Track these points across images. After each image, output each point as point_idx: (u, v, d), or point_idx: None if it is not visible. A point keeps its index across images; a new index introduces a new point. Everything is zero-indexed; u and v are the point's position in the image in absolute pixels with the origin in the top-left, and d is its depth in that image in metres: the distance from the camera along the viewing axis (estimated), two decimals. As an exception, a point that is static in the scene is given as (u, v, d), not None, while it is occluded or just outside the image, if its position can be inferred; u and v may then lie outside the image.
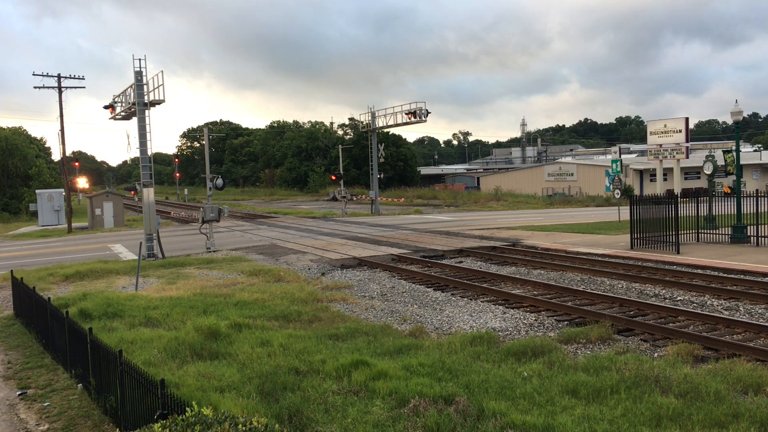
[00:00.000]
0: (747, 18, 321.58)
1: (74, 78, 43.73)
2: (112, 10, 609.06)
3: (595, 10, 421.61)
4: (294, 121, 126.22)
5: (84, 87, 61.84)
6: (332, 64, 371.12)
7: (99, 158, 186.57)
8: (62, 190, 49.76)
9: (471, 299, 15.15)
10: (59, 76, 43.00)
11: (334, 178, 51.68)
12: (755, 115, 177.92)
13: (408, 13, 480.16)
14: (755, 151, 76.95)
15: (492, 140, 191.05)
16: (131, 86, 26.48)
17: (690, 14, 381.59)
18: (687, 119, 36.86)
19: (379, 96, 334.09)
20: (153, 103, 25.52)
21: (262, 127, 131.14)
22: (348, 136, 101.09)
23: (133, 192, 70.09)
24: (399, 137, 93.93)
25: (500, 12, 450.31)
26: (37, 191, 51.08)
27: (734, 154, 25.18)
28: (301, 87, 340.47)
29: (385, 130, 65.17)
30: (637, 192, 55.91)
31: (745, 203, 23.69)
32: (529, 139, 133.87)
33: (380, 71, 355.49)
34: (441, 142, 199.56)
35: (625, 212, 28.43)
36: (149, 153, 25.49)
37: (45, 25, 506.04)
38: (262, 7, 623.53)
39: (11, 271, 18.12)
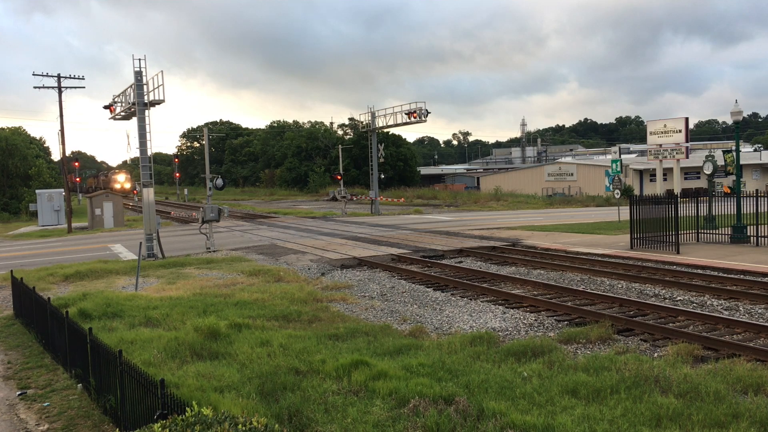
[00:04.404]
0: (747, 16, 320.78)
1: (73, 78, 43.76)
2: (100, 7, 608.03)
3: (592, 7, 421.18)
4: (294, 121, 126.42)
5: (84, 87, 61.94)
6: (327, 62, 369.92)
7: (99, 158, 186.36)
8: (62, 190, 49.77)
9: (471, 299, 15.15)
10: (59, 76, 42.97)
11: (339, 177, 51.74)
12: (755, 115, 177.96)
13: (399, 11, 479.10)
14: (755, 151, 76.93)
15: (492, 140, 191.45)
16: (131, 86, 26.48)
17: (689, 12, 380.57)
18: (687, 119, 36.86)
19: (376, 95, 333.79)
20: (153, 103, 25.52)
21: (261, 126, 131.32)
22: (348, 136, 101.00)
23: (134, 191, 70.12)
24: (399, 137, 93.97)
25: (494, 9, 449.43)
26: (37, 191, 51.06)
27: (734, 154, 25.20)
28: (297, 86, 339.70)
29: (385, 130, 65.16)
30: (637, 192, 55.91)
31: (745, 203, 23.69)
32: (528, 139, 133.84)
33: (376, 70, 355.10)
34: (441, 142, 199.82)
35: (625, 212, 28.42)
36: (149, 153, 25.49)
37: (35, 21, 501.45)
38: (253, 3, 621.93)
39: (11, 271, 18.12)
